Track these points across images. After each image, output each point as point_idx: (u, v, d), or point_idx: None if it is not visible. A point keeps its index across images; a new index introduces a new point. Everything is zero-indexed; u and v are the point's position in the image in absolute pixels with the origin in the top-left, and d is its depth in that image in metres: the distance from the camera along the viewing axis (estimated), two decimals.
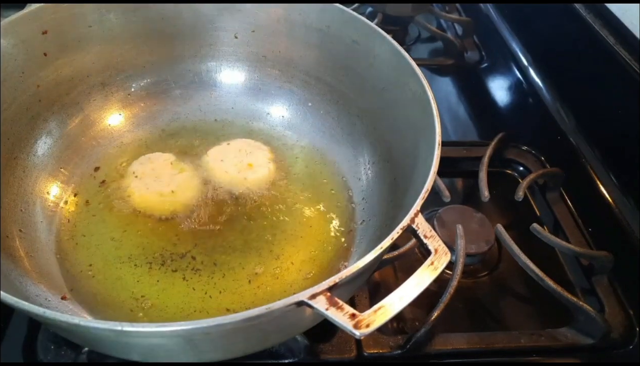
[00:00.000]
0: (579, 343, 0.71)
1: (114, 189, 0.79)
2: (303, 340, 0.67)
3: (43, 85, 0.76)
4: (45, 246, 0.71)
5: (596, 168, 0.89)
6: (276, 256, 0.72)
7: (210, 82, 0.91)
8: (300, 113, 0.90)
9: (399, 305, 0.46)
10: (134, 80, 0.87)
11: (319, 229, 0.76)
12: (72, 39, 0.78)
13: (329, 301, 0.45)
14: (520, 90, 1.11)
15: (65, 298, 0.66)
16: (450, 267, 0.74)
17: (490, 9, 1.26)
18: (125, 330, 0.43)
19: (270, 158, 0.84)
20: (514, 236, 0.77)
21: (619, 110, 0.87)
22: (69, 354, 0.65)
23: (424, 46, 1.31)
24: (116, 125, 0.86)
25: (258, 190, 0.80)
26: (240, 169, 0.81)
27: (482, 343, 0.70)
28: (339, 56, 0.82)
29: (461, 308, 0.77)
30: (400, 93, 0.72)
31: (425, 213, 0.87)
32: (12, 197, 0.71)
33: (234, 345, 0.54)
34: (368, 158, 0.82)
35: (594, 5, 0.92)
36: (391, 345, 0.69)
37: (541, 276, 0.73)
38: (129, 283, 0.68)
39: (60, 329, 0.56)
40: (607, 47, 0.87)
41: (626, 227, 0.80)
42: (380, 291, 0.77)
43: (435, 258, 0.50)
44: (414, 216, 0.52)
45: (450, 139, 1.05)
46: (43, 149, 0.77)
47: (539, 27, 1.11)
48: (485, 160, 0.90)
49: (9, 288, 0.57)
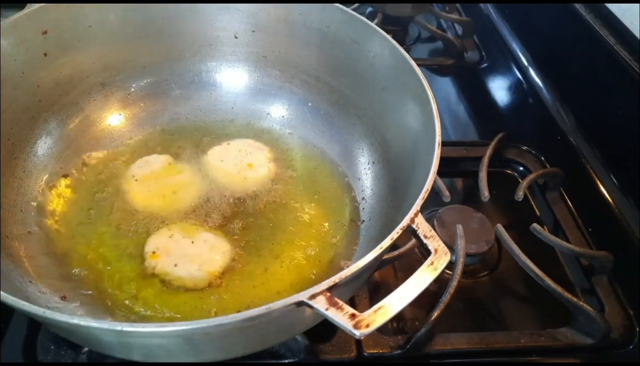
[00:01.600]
0: (579, 343, 0.71)
1: (114, 190, 0.78)
2: (303, 340, 0.67)
3: (43, 85, 0.76)
4: (45, 246, 0.71)
5: (596, 168, 0.89)
6: (276, 256, 0.72)
7: (210, 82, 0.91)
8: (300, 113, 0.90)
9: (399, 305, 0.46)
10: (134, 80, 0.87)
11: (319, 229, 0.76)
12: (72, 39, 0.78)
13: (329, 301, 0.45)
14: (520, 90, 1.11)
15: (65, 298, 0.65)
16: (450, 266, 0.74)
17: (490, 9, 1.26)
18: (125, 330, 0.43)
19: (270, 158, 0.84)
20: (514, 236, 0.77)
21: (619, 110, 0.87)
22: (69, 354, 0.66)
23: (424, 46, 1.32)
24: (116, 125, 0.86)
25: (258, 190, 0.80)
26: (240, 169, 0.81)
27: (482, 343, 0.70)
28: (339, 56, 0.82)
29: (461, 308, 0.77)
30: (400, 93, 0.72)
31: (425, 213, 0.87)
32: (12, 197, 0.71)
33: (234, 345, 0.54)
34: (368, 158, 0.82)
35: (594, 5, 0.92)
36: (391, 345, 0.69)
37: (541, 277, 0.73)
38: (129, 282, 0.68)
39: (60, 329, 0.56)
40: (607, 47, 0.87)
41: (626, 227, 0.80)
42: (380, 291, 0.77)
43: (435, 258, 0.50)
44: (414, 216, 0.52)
45: (450, 139, 1.05)
46: (43, 149, 0.77)
47: (539, 27, 1.11)
48: (485, 160, 0.90)
49: (9, 288, 0.57)
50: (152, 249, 0.70)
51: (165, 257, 0.69)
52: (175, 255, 0.69)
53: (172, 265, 0.68)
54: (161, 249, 0.70)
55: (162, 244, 0.70)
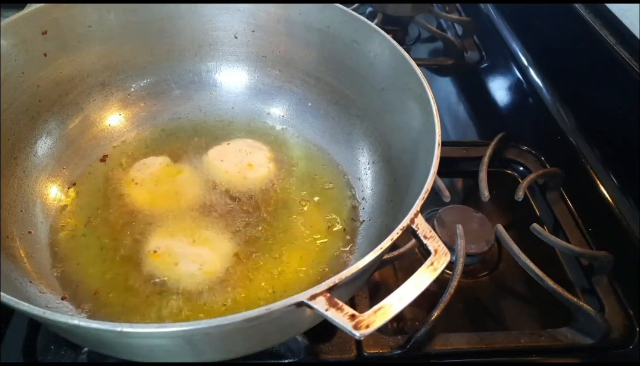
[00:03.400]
0: (579, 343, 0.71)
1: (114, 189, 0.79)
2: (303, 340, 0.67)
3: (43, 85, 0.76)
4: (45, 246, 0.71)
5: (596, 168, 0.89)
6: (276, 256, 0.72)
7: (210, 82, 0.91)
8: (300, 113, 0.90)
9: (399, 306, 0.46)
10: (134, 80, 0.87)
11: (319, 229, 0.76)
12: (72, 39, 0.78)
13: (329, 302, 0.45)
14: (520, 90, 1.11)
15: (65, 299, 0.66)
16: (450, 267, 0.74)
17: (490, 9, 1.26)
18: (125, 330, 0.43)
19: (269, 158, 0.84)
20: (514, 236, 0.77)
21: (619, 110, 0.87)
22: (69, 354, 0.66)
23: (424, 46, 1.31)
24: (116, 125, 0.86)
25: (258, 190, 0.80)
26: (240, 169, 0.81)
27: (482, 343, 0.70)
28: (339, 56, 0.82)
29: (461, 308, 0.77)
30: (400, 93, 0.72)
31: (425, 213, 0.87)
32: (12, 197, 0.71)
33: (234, 346, 0.54)
34: (368, 158, 0.82)
35: (594, 5, 0.92)
36: (391, 345, 0.69)
37: (541, 276, 0.73)
38: (129, 282, 0.68)
39: (60, 329, 0.56)
40: (607, 47, 0.87)
41: (626, 227, 0.80)
42: (380, 291, 0.77)
43: (435, 258, 0.50)
44: (414, 216, 0.52)
45: (450, 139, 1.05)
46: (43, 149, 0.77)
47: (539, 27, 1.11)
48: (485, 160, 0.90)
49: (9, 288, 0.57)
50: (152, 249, 0.70)
51: (167, 256, 0.69)
52: (176, 254, 0.69)
53: (173, 264, 0.68)
54: (162, 249, 0.70)
55: (162, 244, 0.71)
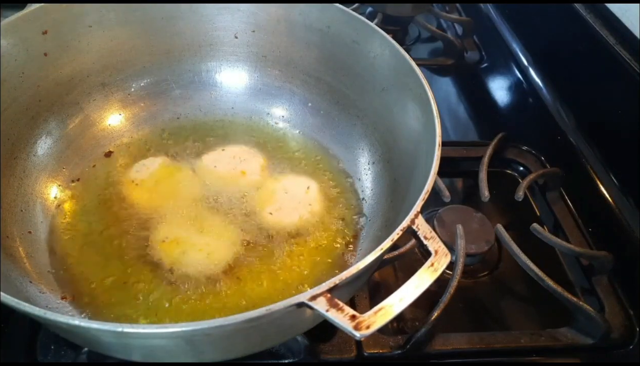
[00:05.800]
0: (579, 343, 0.71)
1: (114, 189, 0.79)
2: (303, 340, 0.67)
3: (43, 85, 0.76)
4: (45, 246, 0.71)
5: (596, 168, 0.89)
6: (276, 257, 0.72)
7: (210, 82, 0.91)
8: (300, 113, 0.90)
9: (399, 307, 0.46)
10: (134, 80, 0.87)
11: (319, 230, 0.76)
12: (72, 39, 0.78)
13: (329, 302, 0.45)
14: (520, 90, 1.11)
15: (65, 298, 0.66)
16: (451, 267, 0.74)
17: (490, 9, 1.26)
18: (125, 331, 0.43)
19: (263, 165, 0.84)
20: (514, 236, 0.77)
21: (619, 110, 0.87)
22: (69, 354, 0.66)
23: (424, 46, 1.31)
24: (116, 125, 0.86)
25: (254, 193, 0.80)
26: (234, 176, 0.81)
27: (482, 343, 0.70)
28: (339, 56, 0.82)
29: (461, 308, 0.77)
30: (401, 93, 0.72)
31: (425, 214, 0.87)
32: (12, 197, 0.71)
33: (234, 346, 0.54)
34: (368, 159, 0.82)
35: (594, 5, 0.92)
36: (391, 345, 0.69)
37: (541, 276, 0.73)
38: (129, 283, 0.68)
39: (60, 329, 0.56)
40: (607, 47, 0.87)
41: (626, 227, 0.80)
42: (380, 292, 0.77)
43: (435, 259, 0.50)
44: (414, 217, 0.52)
45: (450, 139, 1.05)
46: (43, 149, 0.77)
47: (539, 27, 1.11)
48: (485, 160, 0.90)
49: (9, 288, 0.57)
50: (153, 248, 0.71)
51: (167, 256, 0.70)
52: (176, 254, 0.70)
53: (173, 264, 0.69)
54: (162, 247, 0.71)
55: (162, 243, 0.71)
